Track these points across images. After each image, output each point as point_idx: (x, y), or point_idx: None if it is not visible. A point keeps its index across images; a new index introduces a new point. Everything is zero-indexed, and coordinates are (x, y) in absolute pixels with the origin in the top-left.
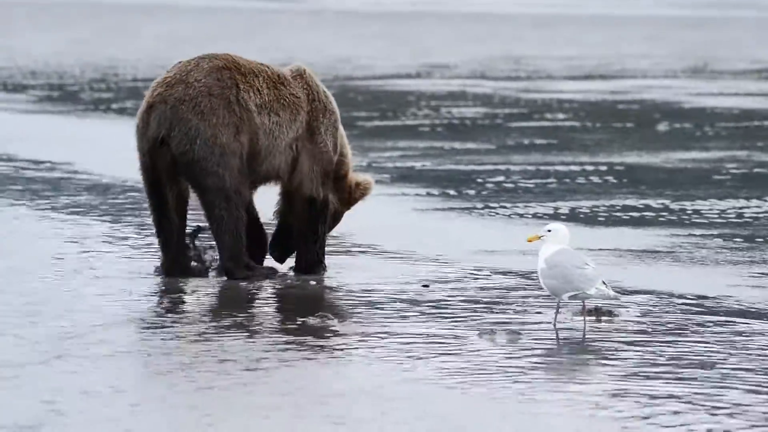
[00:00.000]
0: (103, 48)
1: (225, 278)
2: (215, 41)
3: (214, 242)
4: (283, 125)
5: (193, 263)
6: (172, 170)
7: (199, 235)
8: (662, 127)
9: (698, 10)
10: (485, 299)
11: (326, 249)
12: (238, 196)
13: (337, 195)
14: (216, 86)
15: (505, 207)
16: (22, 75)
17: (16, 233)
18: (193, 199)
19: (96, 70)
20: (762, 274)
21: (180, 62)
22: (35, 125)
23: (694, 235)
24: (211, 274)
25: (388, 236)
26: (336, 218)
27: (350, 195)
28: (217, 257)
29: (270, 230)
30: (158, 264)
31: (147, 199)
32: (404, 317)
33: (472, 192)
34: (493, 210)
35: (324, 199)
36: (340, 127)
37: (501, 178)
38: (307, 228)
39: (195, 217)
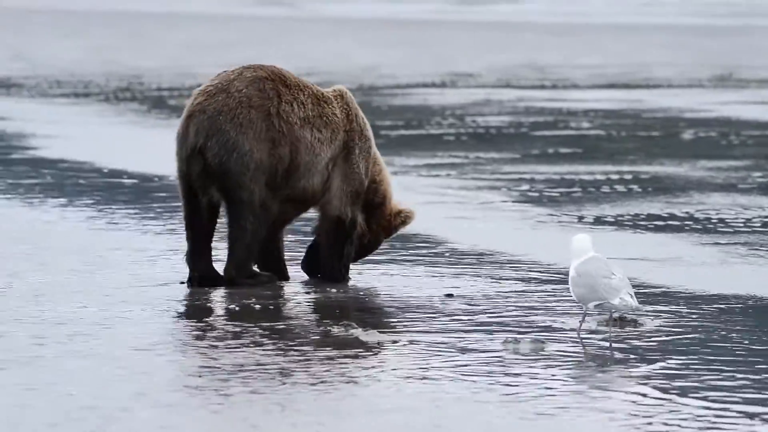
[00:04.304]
0: (127, 56)
1: (228, 284)
2: (239, 49)
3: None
4: (324, 142)
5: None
6: (205, 179)
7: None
8: (687, 135)
9: (723, 18)
10: (509, 307)
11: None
12: (264, 211)
13: (375, 222)
14: (257, 97)
15: (529, 215)
16: (47, 84)
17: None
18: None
19: (121, 78)
20: None
21: (224, 71)
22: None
23: (720, 244)
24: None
25: (413, 245)
26: (374, 245)
27: (390, 223)
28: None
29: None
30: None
31: (182, 203)
32: (428, 326)
33: (497, 201)
34: (518, 218)
35: (352, 220)
36: (377, 154)
37: (526, 187)
38: (333, 246)
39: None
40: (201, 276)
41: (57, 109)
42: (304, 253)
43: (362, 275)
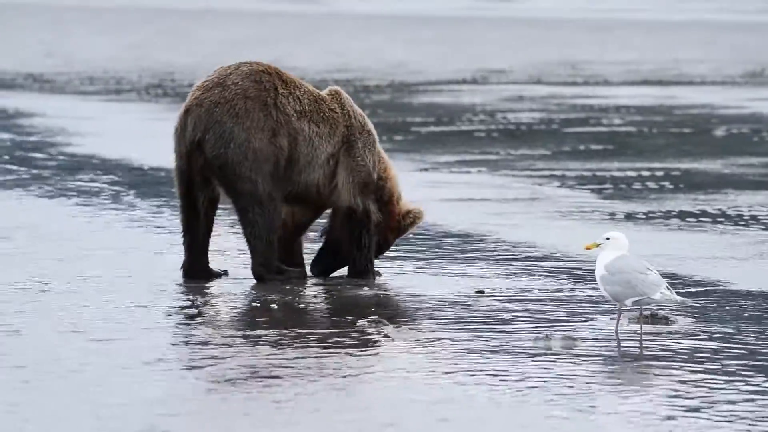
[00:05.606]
0: (160, 53)
1: (258, 282)
2: (270, 46)
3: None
4: (323, 137)
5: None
6: (205, 174)
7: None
8: (719, 132)
9: (756, 14)
10: (541, 304)
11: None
12: (271, 201)
13: (384, 222)
14: (253, 89)
15: (560, 212)
16: (80, 81)
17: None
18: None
19: (153, 75)
20: None
21: (221, 66)
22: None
23: (752, 241)
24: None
25: (444, 241)
26: (384, 245)
27: (400, 223)
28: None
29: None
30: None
31: (178, 200)
32: (458, 324)
33: (528, 197)
34: (548, 215)
35: (364, 209)
36: (381, 152)
37: (557, 184)
38: (351, 238)
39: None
40: (194, 267)
41: (90, 106)
42: (314, 255)
43: (393, 272)
